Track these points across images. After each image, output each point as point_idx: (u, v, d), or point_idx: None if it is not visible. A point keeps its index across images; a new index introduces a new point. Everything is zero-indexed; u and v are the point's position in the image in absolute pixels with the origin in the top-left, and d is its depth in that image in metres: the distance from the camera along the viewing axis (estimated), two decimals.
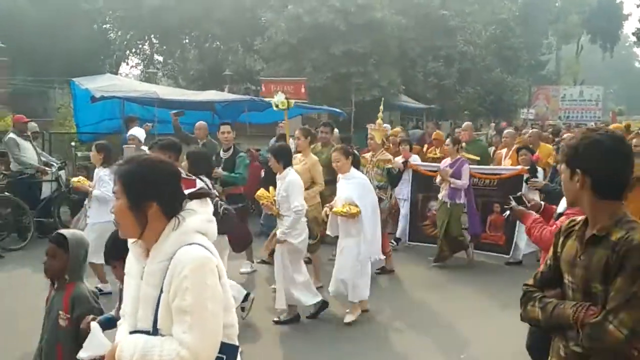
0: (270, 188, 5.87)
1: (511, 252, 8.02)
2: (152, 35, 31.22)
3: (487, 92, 28.96)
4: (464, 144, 8.67)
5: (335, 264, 5.88)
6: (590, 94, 36.49)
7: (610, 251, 2.02)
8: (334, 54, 21.86)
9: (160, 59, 33.15)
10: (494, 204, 8.03)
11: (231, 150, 7.24)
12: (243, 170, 7.13)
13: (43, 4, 25.89)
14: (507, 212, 3.97)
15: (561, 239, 2.29)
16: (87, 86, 10.70)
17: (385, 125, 9.25)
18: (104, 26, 30.55)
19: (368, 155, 7.68)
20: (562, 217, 3.31)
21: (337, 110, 15.05)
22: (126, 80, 15.22)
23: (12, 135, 9.36)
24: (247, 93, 24.51)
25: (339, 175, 6.00)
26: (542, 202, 4.09)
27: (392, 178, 7.57)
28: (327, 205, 6.02)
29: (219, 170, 6.91)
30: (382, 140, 7.80)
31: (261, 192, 5.88)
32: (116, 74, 25.78)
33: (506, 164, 8.88)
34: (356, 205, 5.65)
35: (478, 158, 8.95)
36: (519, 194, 4.03)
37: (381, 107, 8.30)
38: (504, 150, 9.46)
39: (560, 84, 41.65)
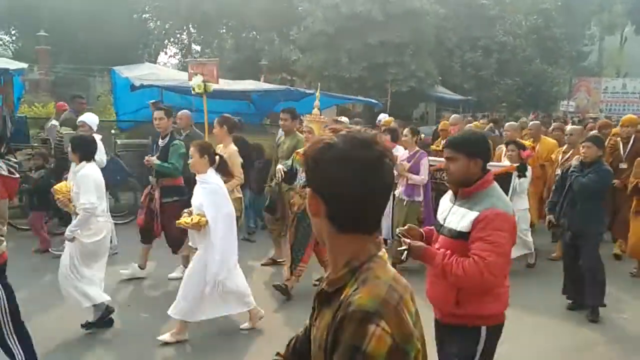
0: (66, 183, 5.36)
1: None
2: (190, 25, 31.52)
3: (526, 84, 28.35)
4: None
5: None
6: (634, 87, 35.38)
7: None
8: (371, 43, 21.72)
9: (198, 48, 33.47)
10: None
11: (167, 138, 6.53)
12: (176, 160, 6.36)
13: None
14: (405, 254, 2.93)
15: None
16: (127, 75, 10.86)
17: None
18: (144, 16, 30.98)
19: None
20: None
21: (373, 100, 14.96)
22: (165, 69, 15.40)
23: (54, 122, 9.60)
24: (283, 83, 24.60)
25: (197, 177, 5.02)
26: (419, 228, 3.17)
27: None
28: (186, 210, 5.09)
29: (152, 159, 6.38)
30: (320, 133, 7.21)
31: (59, 186, 5.27)
32: (155, 63, 26.14)
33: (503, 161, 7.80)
34: (204, 215, 4.79)
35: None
36: (404, 228, 3.08)
37: (317, 94, 6.98)
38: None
39: (603, 76, 40.51)
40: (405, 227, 3.11)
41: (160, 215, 6.40)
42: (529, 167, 7.10)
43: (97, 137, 5.94)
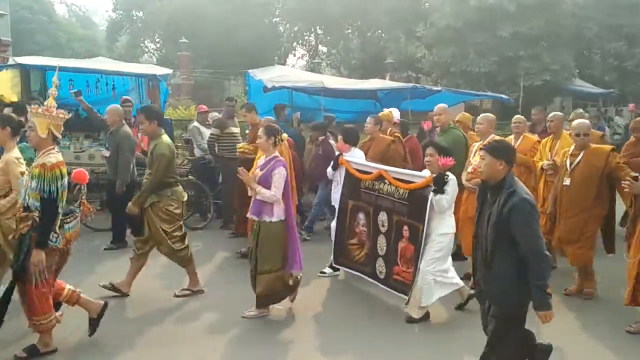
0: None
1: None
2: (318, 27, 32.28)
3: None
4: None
5: None
6: None
7: None
8: (502, 36, 20.92)
9: (325, 49, 34.18)
10: (404, 225, 5.57)
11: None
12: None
13: (221, 1, 27.99)
14: None
15: None
16: (260, 77, 11.39)
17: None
18: (274, 20, 32.24)
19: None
20: None
21: (503, 96, 14.41)
22: (294, 71, 15.96)
23: (195, 124, 10.31)
24: (408, 81, 24.43)
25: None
26: None
27: None
28: None
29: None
30: None
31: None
32: (284, 65, 27.12)
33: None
34: None
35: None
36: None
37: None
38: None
39: None
40: None
41: None
42: (453, 180, 5.19)
43: None
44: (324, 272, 6.76)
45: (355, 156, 6.67)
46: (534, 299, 3.47)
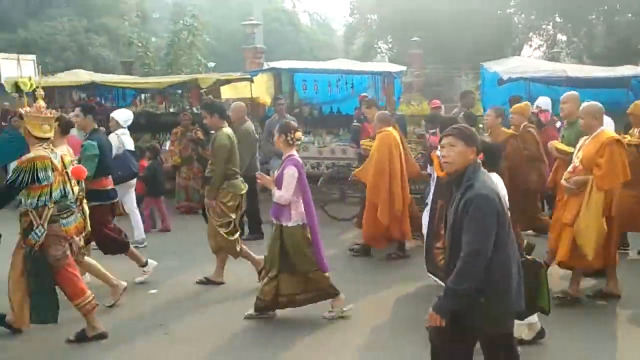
0: None
1: None
2: (557, 15, 30.20)
3: None
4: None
5: None
6: None
7: None
8: None
9: (564, 38, 31.82)
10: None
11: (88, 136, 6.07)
12: (84, 161, 5.51)
13: None
14: None
15: None
16: (496, 69, 11.12)
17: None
18: (508, 11, 31.00)
19: None
20: None
21: None
22: (531, 61, 15.21)
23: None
24: None
25: None
26: None
27: None
28: None
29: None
30: None
31: None
32: (519, 56, 25.95)
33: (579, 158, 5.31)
34: None
35: (571, 150, 5.63)
36: None
37: None
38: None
39: None
40: None
41: None
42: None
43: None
44: None
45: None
46: (439, 297, 3.04)
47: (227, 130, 6.00)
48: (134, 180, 7.50)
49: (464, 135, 3.12)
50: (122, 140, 7.12)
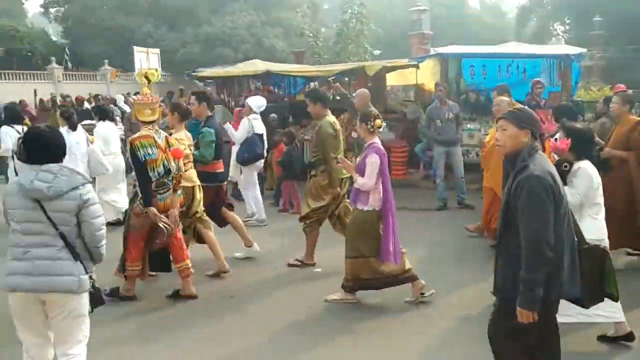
0: None
1: None
2: None
3: None
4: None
5: None
6: None
7: None
8: None
9: None
10: None
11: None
12: (203, 147, 6.17)
13: None
14: None
15: None
16: None
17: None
18: None
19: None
20: None
21: None
22: None
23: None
24: None
25: None
26: None
27: None
28: None
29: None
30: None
31: None
32: None
33: None
34: None
35: None
36: None
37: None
38: None
39: None
40: None
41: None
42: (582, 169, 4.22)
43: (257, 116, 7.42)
44: None
45: None
46: (519, 291, 2.94)
47: (330, 118, 6.15)
48: (261, 162, 8.02)
49: (516, 117, 3.16)
50: (252, 125, 7.71)
